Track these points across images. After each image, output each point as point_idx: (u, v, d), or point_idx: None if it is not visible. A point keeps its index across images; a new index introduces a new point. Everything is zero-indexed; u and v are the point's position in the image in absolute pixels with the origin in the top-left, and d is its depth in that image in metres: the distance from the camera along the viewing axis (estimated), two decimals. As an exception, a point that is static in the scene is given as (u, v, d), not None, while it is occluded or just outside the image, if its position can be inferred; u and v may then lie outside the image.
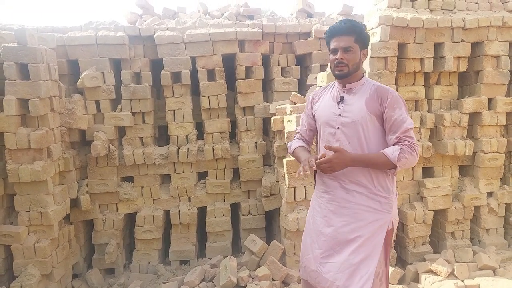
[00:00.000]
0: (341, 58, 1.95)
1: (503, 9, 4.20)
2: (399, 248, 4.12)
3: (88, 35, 4.23)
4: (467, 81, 4.28)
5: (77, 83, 4.11)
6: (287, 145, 2.45)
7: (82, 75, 4.10)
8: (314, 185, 2.29)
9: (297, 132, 2.35)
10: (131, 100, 4.30)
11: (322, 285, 2.07)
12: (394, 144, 1.94)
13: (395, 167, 1.92)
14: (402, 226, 4.08)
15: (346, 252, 1.99)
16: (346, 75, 2.00)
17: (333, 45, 1.99)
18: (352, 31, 1.96)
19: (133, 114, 4.33)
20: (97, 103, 4.23)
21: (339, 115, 2.03)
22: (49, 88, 3.52)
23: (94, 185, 4.23)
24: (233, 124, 4.66)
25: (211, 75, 4.48)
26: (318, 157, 1.93)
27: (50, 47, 3.78)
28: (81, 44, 4.19)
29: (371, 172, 1.98)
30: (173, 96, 4.42)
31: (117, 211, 4.36)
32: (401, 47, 3.94)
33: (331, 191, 2.07)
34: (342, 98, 2.04)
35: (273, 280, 3.53)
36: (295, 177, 2.02)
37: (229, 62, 4.61)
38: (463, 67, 4.06)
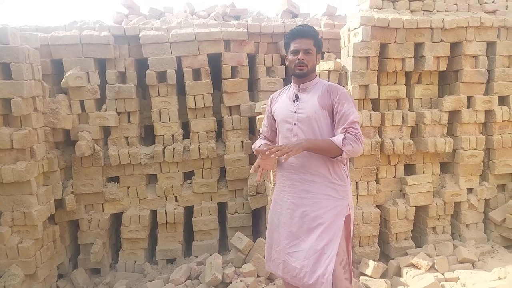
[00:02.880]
0: (302, 59, 2.16)
1: (480, 10, 4.32)
2: (382, 244, 4.21)
3: (73, 35, 4.21)
4: (447, 80, 4.38)
5: (61, 82, 4.09)
6: (252, 146, 2.61)
7: (66, 75, 4.08)
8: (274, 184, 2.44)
9: (261, 133, 2.55)
10: (116, 99, 4.29)
11: (290, 274, 2.23)
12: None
13: (341, 152, 2.08)
14: (385, 222, 4.16)
15: (311, 239, 2.16)
16: (305, 75, 2.21)
17: (294, 46, 2.19)
18: (311, 35, 2.19)
19: (118, 113, 4.32)
20: (82, 103, 4.22)
21: (295, 112, 2.23)
22: (32, 88, 3.51)
23: (79, 185, 4.21)
24: (219, 123, 4.69)
25: (196, 74, 4.51)
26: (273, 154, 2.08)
27: (33, 47, 3.76)
28: (65, 44, 4.18)
29: (327, 163, 2.17)
30: (159, 95, 4.43)
31: (103, 211, 4.35)
32: (383, 47, 4.02)
33: (292, 184, 2.24)
34: (297, 96, 2.25)
35: (258, 276, 3.57)
36: (257, 178, 2.20)
37: (214, 61, 4.64)
38: (442, 67, 4.16)
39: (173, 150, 4.37)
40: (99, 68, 4.36)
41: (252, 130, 4.77)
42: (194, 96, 4.43)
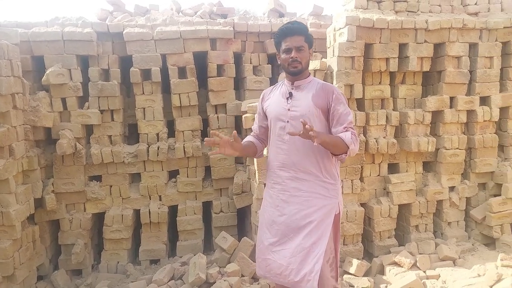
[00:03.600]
0: (296, 57, 2.14)
1: (463, 12, 4.39)
2: (366, 242, 4.24)
3: (54, 31, 4.12)
4: (430, 81, 4.44)
5: (42, 80, 3.99)
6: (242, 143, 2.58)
7: (47, 72, 3.99)
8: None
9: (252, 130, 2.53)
10: (99, 97, 4.22)
11: (274, 272, 2.20)
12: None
13: (346, 151, 2.09)
14: (369, 220, 4.19)
15: (299, 237, 2.15)
16: (300, 72, 2.19)
17: (285, 45, 2.17)
18: (302, 32, 2.17)
19: (101, 112, 4.25)
20: (63, 100, 4.13)
21: (289, 109, 2.21)
22: (11, 85, 3.41)
23: (60, 184, 4.13)
24: (205, 122, 4.66)
25: (182, 72, 4.46)
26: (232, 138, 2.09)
27: (13, 43, 3.66)
28: (47, 40, 4.08)
29: (319, 161, 2.16)
30: (143, 93, 4.37)
31: (84, 211, 4.26)
32: (368, 47, 4.05)
33: (282, 181, 2.23)
34: (291, 94, 2.23)
35: (242, 275, 3.55)
36: (206, 143, 2.10)
37: (200, 60, 4.61)
38: (426, 67, 4.21)
39: (158, 149, 4.31)
40: (82, 65, 4.28)
41: (239, 129, 4.75)
42: (179, 94, 4.39)
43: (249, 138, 2.44)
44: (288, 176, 2.19)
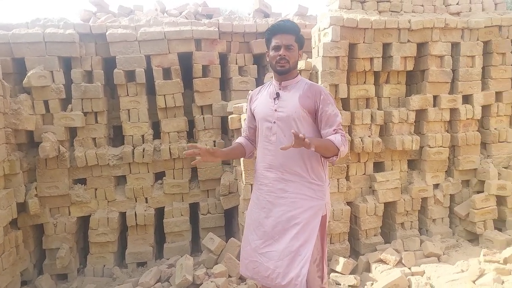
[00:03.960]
0: (284, 55, 2.10)
1: (446, 12, 4.45)
2: (352, 240, 4.27)
3: (35, 33, 4.06)
4: (414, 80, 4.50)
5: (23, 82, 3.93)
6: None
7: (29, 74, 3.93)
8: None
9: (243, 131, 2.50)
10: (82, 99, 4.17)
11: (261, 274, 2.17)
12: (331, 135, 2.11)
13: (337, 153, 2.07)
14: (355, 219, 4.23)
15: (286, 239, 2.13)
16: (287, 71, 2.15)
17: (275, 42, 2.12)
18: (293, 31, 2.13)
19: (85, 114, 4.20)
20: (46, 103, 4.07)
21: (275, 110, 2.18)
22: (-9, 87, 3.35)
23: (43, 188, 4.06)
24: (191, 123, 4.63)
25: (167, 73, 4.43)
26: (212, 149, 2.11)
27: (-7, 44, 3.60)
28: (28, 42, 4.02)
29: (306, 162, 2.14)
30: (128, 95, 4.33)
31: (69, 215, 4.21)
32: (352, 47, 4.08)
33: (269, 182, 2.20)
34: (278, 94, 2.20)
35: (229, 276, 3.55)
36: (187, 153, 2.09)
37: (185, 60, 4.58)
38: (409, 67, 4.26)
39: (143, 150, 4.28)
40: (64, 67, 4.22)
41: (225, 130, 4.74)
42: (164, 95, 4.36)
43: (239, 139, 2.42)
44: (274, 177, 2.18)
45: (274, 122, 2.17)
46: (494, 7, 4.58)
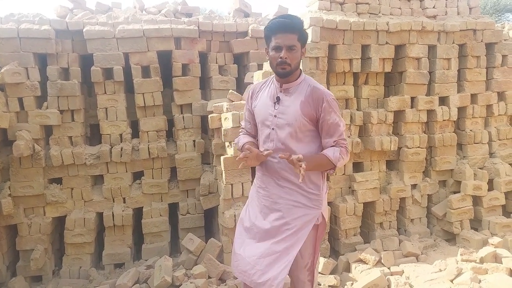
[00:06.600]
0: (285, 57, 1.95)
1: (422, 15, 4.54)
2: (332, 240, 4.30)
3: (9, 28, 3.95)
4: (392, 81, 4.57)
5: (-4, 78, 3.81)
6: (234, 142, 2.45)
7: (2, 70, 3.81)
8: (252, 181, 2.36)
9: (242, 128, 2.36)
10: (58, 97, 4.07)
11: (240, 268, 2.15)
12: (331, 147, 2.05)
13: (334, 167, 2.03)
14: (335, 219, 4.26)
15: (273, 240, 2.09)
16: (289, 74, 2.01)
17: (275, 42, 1.95)
18: (296, 29, 1.96)
19: (61, 112, 4.10)
20: (20, 100, 3.96)
21: (275, 116, 2.08)
22: (-40, 83, 3.23)
23: (17, 187, 3.94)
24: (170, 122, 4.58)
25: (145, 71, 4.37)
26: (264, 153, 1.98)
27: (-37, 39, 3.47)
28: (1, 37, 3.91)
29: None
30: (105, 93, 4.25)
31: (44, 215, 4.09)
32: (331, 48, 4.12)
33: (266, 187, 2.16)
34: (278, 98, 2.08)
35: (209, 277, 3.51)
36: (238, 167, 2.06)
37: (165, 59, 4.53)
38: (388, 68, 4.32)
39: (121, 150, 4.20)
40: (40, 63, 4.12)
41: (205, 129, 4.70)
42: (143, 94, 4.29)
43: (247, 138, 2.26)
44: (271, 181, 2.13)
45: (273, 129, 2.08)
46: (469, 11, 4.70)
